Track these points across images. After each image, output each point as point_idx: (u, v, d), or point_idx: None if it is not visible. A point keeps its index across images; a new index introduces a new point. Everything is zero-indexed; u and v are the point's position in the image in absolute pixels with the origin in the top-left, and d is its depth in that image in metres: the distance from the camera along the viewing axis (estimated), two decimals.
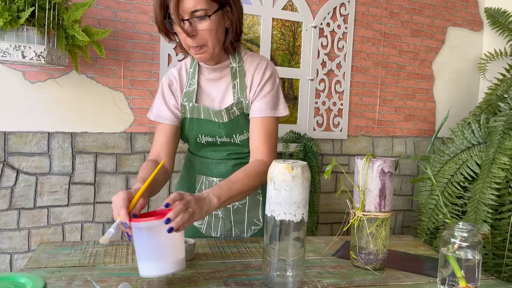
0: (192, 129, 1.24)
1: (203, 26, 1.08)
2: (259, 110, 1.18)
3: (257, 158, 1.16)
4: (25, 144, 1.71)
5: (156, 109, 1.24)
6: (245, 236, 1.30)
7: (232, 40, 1.16)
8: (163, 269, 0.87)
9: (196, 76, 1.23)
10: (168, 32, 1.16)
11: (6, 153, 1.69)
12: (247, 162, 1.23)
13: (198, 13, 1.06)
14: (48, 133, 1.74)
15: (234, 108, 1.20)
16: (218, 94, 1.23)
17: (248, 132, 1.23)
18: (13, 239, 1.72)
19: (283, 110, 1.21)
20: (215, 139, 1.24)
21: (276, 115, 1.20)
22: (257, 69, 1.21)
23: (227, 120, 1.20)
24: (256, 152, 1.17)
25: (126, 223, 0.85)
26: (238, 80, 1.21)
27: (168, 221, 0.84)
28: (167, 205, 0.87)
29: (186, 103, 1.22)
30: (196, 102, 1.22)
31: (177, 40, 1.19)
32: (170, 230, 0.84)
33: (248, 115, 1.22)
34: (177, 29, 1.10)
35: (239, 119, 1.22)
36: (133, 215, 0.88)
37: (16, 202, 1.71)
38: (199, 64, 1.24)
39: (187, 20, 1.07)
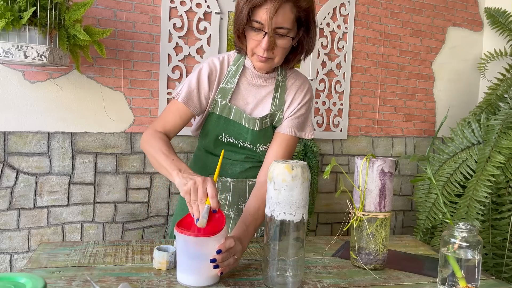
0: (217, 125, 1.22)
1: (280, 43, 1.09)
2: (288, 127, 1.22)
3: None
4: (25, 144, 1.71)
5: (188, 92, 1.19)
6: (256, 235, 1.31)
7: (297, 60, 1.20)
8: (200, 282, 0.92)
9: (237, 76, 1.21)
10: (241, 35, 1.14)
11: (6, 153, 1.70)
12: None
13: (281, 31, 1.07)
14: (48, 133, 1.74)
15: (268, 119, 1.22)
16: (254, 99, 1.22)
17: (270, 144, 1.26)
18: (13, 239, 1.72)
19: (308, 133, 1.27)
20: (237, 142, 1.23)
21: (300, 136, 1.25)
22: (299, 89, 1.24)
23: (257, 129, 1.21)
24: (271, 160, 1.20)
25: (215, 210, 0.92)
26: (279, 93, 1.23)
27: (214, 260, 0.90)
28: (219, 252, 0.90)
29: (219, 99, 1.20)
30: (229, 101, 1.21)
31: (245, 44, 1.16)
32: (216, 267, 0.91)
33: (276, 127, 1.25)
34: (257, 37, 1.09)
35: (268, 130, 1.23)
36: (213, 211, 0.93)
37: (16, 202, 1.71)
38: (244, 65, 1.22)
39: (271, 34, 1.07)
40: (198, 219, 0.92)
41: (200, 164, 1.32)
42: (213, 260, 0.89)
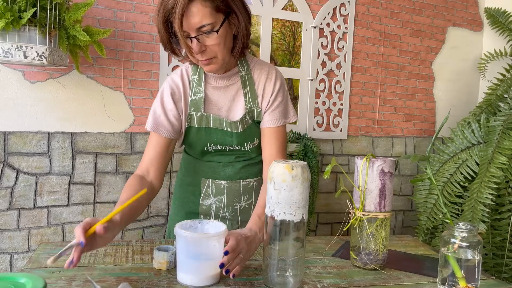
0: (200, 138, 1.21)
1: (211, 40, 1.05)
2: (272, 120, 1.21)
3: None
4: (25, 144, 1.71)
5: (154, 119, 1.17)
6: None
7: (241, 48, 1.14)
8: (200, 281, 0.92)
9: (202, 84, 1.19)
10: (174, 50, 1.13)
11: (6, 153, 1.70)
12: (254, 164, 1.28)
13: (204, 28, 1.03)
14: (48, 133, 1.74)
15: (247, 117, 1.20)
16: (225, 102, 1.21)
17: (258, 140, 1.25)
18: (13, 239, 1.72)
19: (292, 116, 1.25)
20: (224, 147, 1.23)
21: (286, 123, 1.24)
22: (268, 79, 1.21)
23: (241, 130, 1.19)
24: (268, 154, 1.21)
25: (82, 242, 0.80)
26: (248, 88, 1.21)
27: (222, 266, 0.90)
28: (226, 253, 0.90)
29: (194, 112, 1.18)
30: (204, 111, 1.19)
31: (184, 55, 1.16)
32: (227, 271, 0.91)
33: (258, 122, 1.23)
34: (184, 46, 1.06)
35: (251, 127, 1.22)
36: (81, 243, 0.81)
37: (16, 202, 1.71)
38: (204, 72, 1.19)
39: (194, 37, 1.03)
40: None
41: (191, 168, 1.31)
42: (221, 265, 0.89)
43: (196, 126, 1.19)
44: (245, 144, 1.23)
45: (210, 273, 0.92)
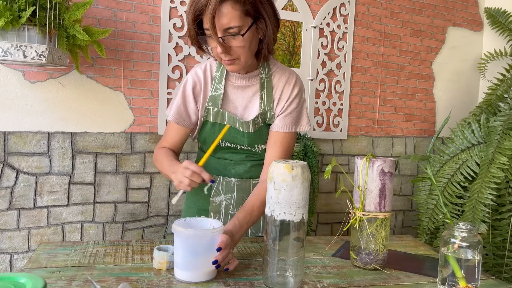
0: (214, 133, 1.23)
1: (237, 43, 1.07)
2: (281, 125, 1.21)
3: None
4: (25, 144, 1.71)
5: (176, 110, 1.23)
6: (261, 234, 1.32)
7: (266, 52, 1.16)
8: (198, 277, 0.93)
9: (223, 81, 1.21)
10: (201, 46, 1.15)
11: (6, 153, 1.69)
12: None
13: (231, 30, 1.05)
14: (48, 133, 1.74)
15: (259, 119, 1.21)
16: (242, 102, 1.22)
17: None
18: (13, 239, 1.72)
19: (305, 125, 1.25)
20: (235, 145, 1.24)
21: (297, 130, 1.24)
22: (287, 84, 1.22)
23: (252, 131, 1.21)
24: (270, 157, 1.21)
25: (213, 180, 1.05)
26: (265, 91, 1.22)
27: (216, 262, 0.94)
28: (219, 249, 0.93)
29: (211, 107, 1.21)
30: (221, 107, 1.21)
31: (210, 52, 1.18)
32: (217, 266, 0.95)
33: (269, 125, 1.24)
34: (211, 43, 1.10)
35: (262, 129, 1.23)
36: (211, 181, 1.03)
37: (16, 202, 1.71)
38: (227, 69, 1.21)
39: (221, 37, 1.05)
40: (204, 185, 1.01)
41: (203, 164, 1.32)
42: (215, 262, 0.93)
43: (211, 121, 1.22)
44: (256, 145, 1.24)
45: (208, 269, 0.94)
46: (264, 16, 1.09)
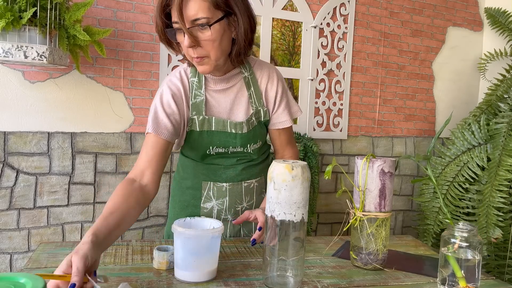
0: (202, 142, 1.19)
1: (205, 36, 1.02)
2: (282, 122, 1.25)
3: (286, 154, 1.32)
4: (25, 144, 1.71)
5: (155, 120, 1.11)
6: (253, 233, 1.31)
7: (238, 53, 1.10)
8: (198, 277, 0.94)
9: (203, 87, 1.17)
10: (170, 42, 1.11)
11: (6, 153, 1.69)
12: (255, 165, 1.29)
13: (199, 21, 1.00)
14: (48, 133, 1.74)
15: (253, 119, 1.20)
16: (226, 105, 1.19)
17: (261, 141, 1.26)
18: (13, 239, 1.72)
19: (298, 111, 1.29)
20: (227, 149, 1.21)
21: (293, 119, 1.29)
22: (269, 81, 1.22)
23: (246, 131, 1.19)
24: (283, 149, 1.31)
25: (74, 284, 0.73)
26: (252, 89, 1.20)
27: (254, 242, 1.05)
28: (260, 229, 1.00)
29: (195, 116, 1.16)
30: (206, 114, 1.17)
31: (182, 52, 1.13)
32: (254, 243, 1.04)
33: (264, 123, 1.24)
34: (179, 38, 1.05)
35: (256, 128, 1.22)
36: (94, 272, 0.80)
37: (16, 202, 1.71)
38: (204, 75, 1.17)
39: (188, 29, 1.00)
40: None
41: (190, 170, 1.28)
42: (253, 241, 1.03)
43: (197, 130, 1.17)
44: (248, 145, 1.22)
45: (208, 268, 0.94)
46: (236, 11, 1.04)
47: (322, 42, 2.11)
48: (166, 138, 1.10)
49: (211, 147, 1.20)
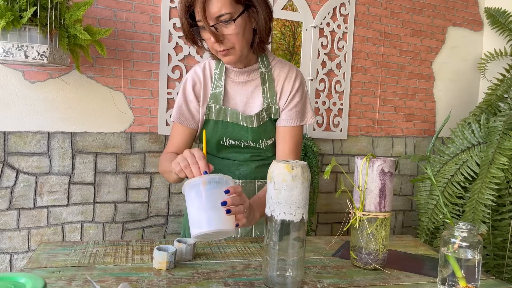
0: (217, 131, 1.22)
1: (229, 30, 1.07)
2: (288, 119, 1.22)
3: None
4: (25, 144, 1.71)
5: (178, 110, 1.23)
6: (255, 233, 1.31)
7: (260, 41, 1.16)
8: (215, 225, 0.89)
9: (223, 78, 1.21)
10: (195, 40, 1.16)
11: (6, 153, 1.69)
12: (269, 164, 1.26)
13: (223, 18, 1.05)
14: (48, 133, 1.74)
15: (264, 114, 1.22)
16: (243, 97, 1.23)
17: (273, 138, 1.26)
18: (13, 239, 1.72)
19: (310, 118, 1.26)
20: (240, 142, 1.24)
21: (303, 123, 1.25)
22: (287, 77, 1.23)
23: (256, 126, 1.21)
24: (281, 153, 1.24)
25: (206, 171, 0.92)
26: (267, 85, 1.23)
27: (225, 203, 0.90)
28: (227, 192, 0.91)
29: (213, 105, 1.21)
30: (223, 104, 1.21)
31: (206, 47, 1.18)
32: (228, 211, 0.91)
33: (275, 120, 1.24)
34: (205, 35, 1.10)
35: (267, 124, 1.23)
36: (204, 172, 0.93)
37: (16, 202, 1.71)
38: (226, 66, 1.22)
39: (213, 26, 1.06)
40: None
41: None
42: (224, 203, 0.89)
43: (214, 119, 1.21)
44: (260, 141, 1.23)
45: (225, 218, 0.90)
46: (255, 3, 1.10)
47: (322, 42, 2.11)
48: (188, 126, 1.23)
49: (224, 138, 1.23)
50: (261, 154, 1.27)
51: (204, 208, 0.90)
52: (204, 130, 1.06)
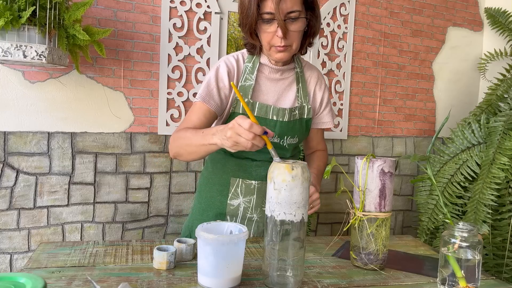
0: None
1: (295, 27, 1.11)
2: (327, 122, 1.35)
3: (319, 149, 1.41)
4: (25, 144, 1.71)
5: (208, 91, 1.17)
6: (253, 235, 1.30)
7: (308, 44, 1.23)
8: (222, 285, 0.90)
9: (255, 72, 1.22)
10: (253, 32, 1.16)
11: (6, 153, 1.69)
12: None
13: (293, 14, 1.09)
14: (48, 133, 1.74)
15: (296, 112, 1.24)
16: (274, 94, 1.24)
17: (298, 138, 1.28)
18: (13, 239, 1.72)
19: (333, 120, 1.39)
20: None
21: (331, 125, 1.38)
22: (317, 84, 1.31)
23: (286, 120, 1.22)
24: (317, 146, 1.40)
25: (267, 132, 0.93)
26: (301, 85, 1.27)
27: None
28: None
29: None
30: (251, 98, 1.21)
31: (259, 41, 1.18)
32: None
33: (306, 120, 1.27)
34: (268, 28, 1.11)
35: (296, 123, 1.25)
36: (265, 132, 0.93)
37: (16, 202, 1.71)
38: (260, 62, 1.23)
39: (284, 20, 1.09)
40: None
41: (220, 166, 1.29)
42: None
43: (240, 112, 1.21)
44: (285, 137, 1.24)
45: (233, 275, 0.91)
46: (315, 8, 1.17)
47: (322, 42, 2.11)
48: (213, 109, 1.18)
49: None
50: (282, 154, 1.24)
51: (222, 265, 0.90)
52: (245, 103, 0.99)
